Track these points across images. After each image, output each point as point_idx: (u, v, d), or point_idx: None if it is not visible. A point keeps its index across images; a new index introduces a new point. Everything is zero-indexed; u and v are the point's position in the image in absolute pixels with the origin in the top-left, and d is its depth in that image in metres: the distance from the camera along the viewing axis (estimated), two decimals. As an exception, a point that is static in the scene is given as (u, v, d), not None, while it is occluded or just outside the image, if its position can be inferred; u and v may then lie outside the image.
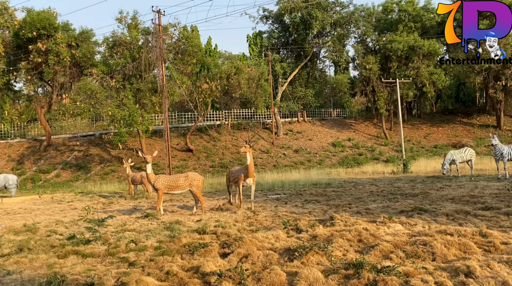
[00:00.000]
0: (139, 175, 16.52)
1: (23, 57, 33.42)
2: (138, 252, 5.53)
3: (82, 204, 14.65)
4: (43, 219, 10.12)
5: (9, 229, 8.59)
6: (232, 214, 9.67)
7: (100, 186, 23.19)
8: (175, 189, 10.30)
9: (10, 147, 36.71)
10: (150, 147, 35.29)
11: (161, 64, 28.90)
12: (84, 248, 5.73)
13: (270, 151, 36.40)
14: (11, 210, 12.85)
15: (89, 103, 28.00)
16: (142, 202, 14.16)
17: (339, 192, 13.18)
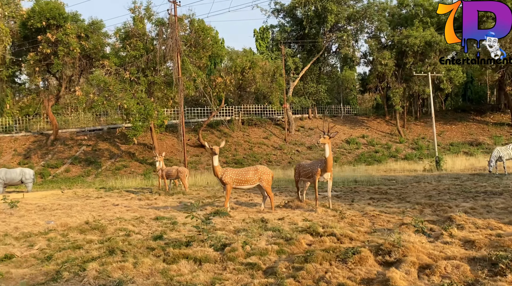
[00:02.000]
0: (175, 169, 15.65)
1: (31, 48, 32.27)
2: (260, 256, 4.74)
3: (115, 199, 13.77)
4: (95, 215, 9.25)
5: (67, 227, 7.75)
6: (309, 212, 8.86)
7: (121, 181, 22.23)
8: (244, 183, 9.47)
9: (15, 140, 35.54)
10: (161, 142, 34.37)
11: (176, 56, 27.96)
12: (193, 252, 4.92)
13: (283, 148, 35.66)
14: (44, 205, 11.95)
15: (102, 96, 26.98)
16: (181, 197, 13.31)
17: (398, 190, 12.45)
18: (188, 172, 15.59)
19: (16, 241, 6.78)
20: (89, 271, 4.51)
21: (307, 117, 41.87)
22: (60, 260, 5.24)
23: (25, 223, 8.83)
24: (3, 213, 11.03)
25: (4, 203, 12.17)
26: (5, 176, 19.64)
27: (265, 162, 32.83)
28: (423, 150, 34.88)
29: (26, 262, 5.44)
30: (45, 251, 5.91)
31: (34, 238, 6.95)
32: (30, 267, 5.18)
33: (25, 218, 9.81)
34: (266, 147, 35.88)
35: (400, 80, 37.63)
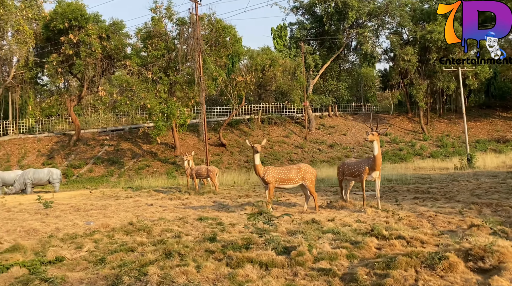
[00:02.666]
0: (205, 168, 15.48)
1: (53, 50, 32.60)
2: (330, 261, 4.46)
3: (145, 199, 13.65)
4: (133, 216, 9.11)
5: (110, 228, 7.59)
6: (358, 213, 8.52)
7: (147, 181, 22.22)
8: (287, 182, 9.19)
9: (38, 141, 36.01)
10: (182, 142, 34.36)
11: (198, 55, 27.84)
12: (256, 255, 4.67)
13: (304, 146, 35.26)
14: (77, 205, 11.89)
15: (125, 96, 27.04)
16: (213, 197, 13.11)
17: (440, 188, 12.00)
18: (218, 171, 15.41)
19: (62, 242, 6.64)
20: (150, 275, 4.30)
21: (327, 115, 41.39)
22: (114, 263, 5.05)
23: (64, 223, 8.74)
24: (38, 213, 11.00)
25: (38, 203, 12.16)
26: (33, 176, 19.80)
27: (286, 160, 32.51)
28: (449, 147, 34.07)
29: (78, 265, 5.28)
30: (95, 254, 5.74)
31: (80, 239, 6.81)
32: (84, 271, 5.01)
33: (61, 219, 9.73)
34: (287, 145, 35.57)
35: (424, 76, 36.83)
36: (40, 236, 7.68)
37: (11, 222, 9.57)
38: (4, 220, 10.23)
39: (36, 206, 12.85)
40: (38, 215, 10.57)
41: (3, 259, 5.69)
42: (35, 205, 13.42)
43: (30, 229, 8.09)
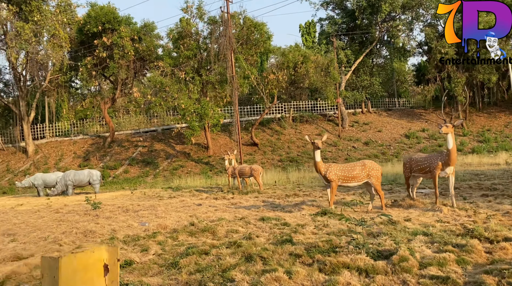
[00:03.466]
0: (248, 167, 15.13)
1: (87, 53, 33.14)
2: (439, 267, 3.97)
3: (190, 199, 13.41)
4: (187, 216, 8.83)
5: (169, 229, 7.30)
6: (432, 212, 7.93)
7: (185, 181, 22.12)
8: (351, 180, 8.69)
9: (74, 144, 36.73)
10: (214, 142, 34.23)
11: (230, 54, 27.60)
12: (351, 260, 4.22)
13: (338, 144, 34.47)
14: (124, 206, 11.74)
15: (160, 97, 27.09)
16: (259, 196, 12.72)
17: (505, 185, 11.20)
18: (262, 170, 15.01)
19: (125, 245, 6.38)
20: (238, 282, 3.92)
21: (360, 112, 40.38)
22: (190, 267, 4.70)
23: (118, 225, 8.53)
24: (88, 214, 10.90)
25: (86, 204, 12.10)
26: (74, 178, 20.00)
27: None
28: (491, 142, 32.52)
29: (150, 269, 4.96)
30: (164, 257, 5.42)
31: (143, 241, 6.53)
32: (158, 275, 4.69)
33: (113, 220, 9.55)
34: (320, 143, 34.78)
35: (462, 69, 35.33)
36: (97, 237, 7.48)
37: (64, 224, 9.47)
38: (56, 221, 10.16)
39: (83, 207, 12.82)
40: (88, 216, 10.46)
41: (70, 263, 5.46)
42: (81, 206, 13.41)
43: (86, 230, 7.91)
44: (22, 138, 36.20)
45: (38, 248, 6.96)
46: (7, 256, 6.61)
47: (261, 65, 38.69)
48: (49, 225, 9.55)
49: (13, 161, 35.10)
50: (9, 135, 38.05)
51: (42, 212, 12.52)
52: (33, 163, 33.86)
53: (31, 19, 29.16)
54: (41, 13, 29.51)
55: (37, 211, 12.88)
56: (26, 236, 8.37)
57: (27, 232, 8.97)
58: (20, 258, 6.54)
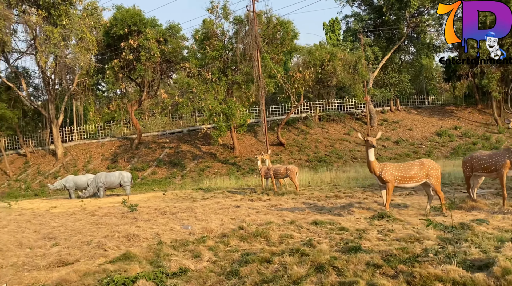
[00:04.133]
0: (284, 167, 14.69)
1: (113, 56, 33.42)
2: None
3: (225, 200, 13.07)
4: (229, 219, 8.48)
5: (218, 233, 6.95)
6: (500, 214, 7.32)
7: (215, 182, 21.86)
8: (408, 181, 8.14)
9: (102, 146, 37.12)
10: (240, 142, 33.94)
11: (256, 53, 27.24)
12: (443, 272, 3.74)
13: (367, 143, 33.52)
14: (160, 208, 11.50)
15: (187, 98, 26.97)
16: (297, 198, 12.28)
17: None
18: (298, 170, 14.53)
19: (174, 250, 6.06)
20: (317, 296, 3.50)
21: (388, 110, 39.34)
22: (253, 277, 4.31)
23: (160, 228, 8.25)
24: (125, 217, 10.70)
25: (123, 206, 11.93)
26: (105, 180, 20.01)
27: (350, 158, 31.11)
28: (539, 141, 31.04)
29: (207, 278, 4.60)
30: (219, 264, 5.05)
31: (192, 246, 6.19)
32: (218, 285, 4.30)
33: (153, 222, 9.29)
34: (348, 143, 34.07)
35: (496, 64, 33.86)
36: (141, 242, 7.20)
37: (103, 227, 9.27)
38: (94, 224, 9.98)
39: (118, 209, 12.66)
40: (126, 219, 10.25)
41: (120, 270, 5.16)
42: (115, 208, 13.26)
43: (128, 234, 7.65)
44: (51, 141, 36.82)
45: (82, 253, 6.73)
46: (52, 261, 6.39)
47: (284, 65, 38.20)
48: (89, 228, 9.37)
49: (43, 163, 35.74)
50: (38, 138, 38.80)
51: (78, 215, 12.43)
52: (62, 165, 34.38)
53: (60, 23, 29.57)
54: (69, 17, 29.89)
55: (72, 214, 12.80)
56: (68, 240, 8.18)
57: (68, 235, 8.80)
58: (66, 263, 6.32)
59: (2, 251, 7.52)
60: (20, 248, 7.95)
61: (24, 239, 8.75)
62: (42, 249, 7.66)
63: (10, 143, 38.51)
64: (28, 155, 36.53)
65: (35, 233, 9.56)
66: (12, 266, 6.56)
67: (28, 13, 29.60)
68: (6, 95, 34.34)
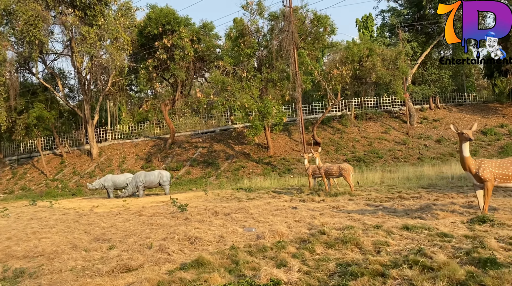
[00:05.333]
0: (336, 166, 13.86)
1: (147, 56, 33.38)
2: None
3: (273, 200, 12.36)
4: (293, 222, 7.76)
5: (290, 237, 6.24)
6: None
7: (255, 182, 21.23)
8: (510, 180, 7.20)
9: (136, 146, 37.21)
10: (273, 142, 33.20)
11: (293, 50, 26.43)
12: None
13: (407, 142, 32.19)
14: (210, 208, 10.90)
15: (222, 96, 26.46)
16: (354, 198, 11.41)
17: None
18: (352, 169, 13.65)
19: (252, 256, 5.38)
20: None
21: (428, 108, 37.71)
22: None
23: (220, 230, 7.61)
24: (176, 217, 10.15)
25: (173, 206, 11.41)
26: (144, 179, 19.70)
27: (391, 158, 29.85)
28: None
29: (307, 292, 3.87)
30: (315, 275, 4.33)
31: (272, 252, 5.51)
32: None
33: (208, 224, 8.67)
34: (387, 142, 32.75)
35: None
36: (205, 245, 6.57)
37: (157, 228, 8.73)
38: (146, 225, 9.47)
39: (163, 209, 12.15)
40: (177, 220, 9.69)
41: (199, 279, 4.52)
42: (160, 207, 12.78)
43: (190, 237, 7.04)
44: (86, 141, 37.18)
45: (145, 258, 6.15)
46: (115, 266, 5.83)
47: (317, 61, 37.25)
48: (142, 229, 8.85)
49: (78, 163, 36.11)
50: (74, 138, 39.31)
51: (124, 215, 12.01)
52: (97, 165, 34.60)
53: (95, 24, 29.69)
54: (104, 17, 29.99)
55: (118, 214, 12.41)
56: (123, 242, 7.66)
57: (121, 237, 8.29)
58: (130, 269, 5.75)
59: (58, 254, 7.07)
60: (74, 250, 7.49)
61: (77, 240, 8.31)
62: (99, 251, 7.16)
63: (46, 143, 39.19)
64: (64, 155, 37.02)
65: (85, 234, 9.13)
66: (71, 270, 6.06)
67: (65, 14, 29.88)
68: (43, 96, 34.88)
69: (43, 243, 8.26)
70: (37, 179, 34.79)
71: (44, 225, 10.80)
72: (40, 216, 13.53)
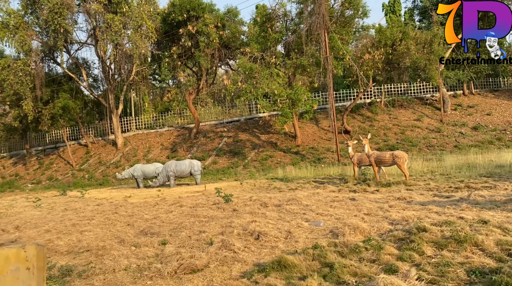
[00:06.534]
0: (389, 154, 12.88)
1: (171, 44, 32.71)
2: None
3: (321, 191, 11.50)
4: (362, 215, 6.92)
5: (372, 233, 5.40)
6: None
7: (289, 171, 20.42)
8: None
9: (160, 135, 36.78)
10: (301, 130, 32.20)
11: (324, 34, 25.26)
12: None
13: (441, 130, 30.74)
14: (257, 199, 10.13)
15: (250, 84, 25.57)
16: (413, 189, 10.45)
17: None
18: (407, 156, 12.62)
19: (343, 258, 4.55)
20: None
21: (461, 94, 36.01)
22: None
23: (284, 224, 6.82)
24: (221, 208, 9.42)
25: (217, 196, 10.69)
26: (175, 168, 19.11)
27: (425, 146, 28.54)
28: None
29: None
30: (442, 283, 3.45)
31: (368, 254, 4.66)
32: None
33: (261, 216, 7.89)
34: (420, 129, 31.37)
35: None
36: (272, 241, 5.77)
37: (207, 221, 8.00)
38: (191, 217, 8.75)
39: (203, 199, 11.44)
40: (225, 211, 8.95)
41: None
42: (199, 198, 12.08)
43: (252, 231, 6.27)
44: (111, 132, 36.96)
45: (208, 256, 5.40)
46: (176, 266, 5.10)
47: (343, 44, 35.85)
48: (190, 221, 8.14)
49: (103, 153, 35.94)
50: (98, 129, 39.16)
51: (162, 205, 11.36)
52: (123, 155, 34.34)
53: (119, 11, 29.10)
54: (128, 5, 29.37)
55: (156, 204, 11.77)
56: (175, 237, 6.95)
57: (170, 230, 7.60)
58: (194, 269, 5.00)
59: (106, 250, 6.40)
60: (122, 245, 6.82)
61: (122, 234, 7.66)
62: (150, 247, 6.46)
63: (71, 134, 39.17)
64: (89, 145, 36.91)
65: (129, 226, 8.48)
66: (125, 270, 5.35)
67: (89, 2, 29.36)
68: (67, 86, 34.67)
69: (86, 236, 7.64)
70: (63, 169, 34.79)
71: (82, 217, 10.24)
72: (74, 207, 13.04)
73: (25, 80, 28.84)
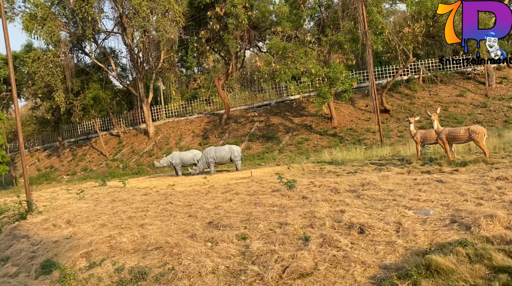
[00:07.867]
0: (465, 129, 11.61)
1: (198, 28, 31.75)
2: None
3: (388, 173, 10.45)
4: (476, 200, 5.92)
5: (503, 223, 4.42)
6: None
7: (336, 153, 19.39)
8: None
9: (191, 123, 36.23)
10: (336, 111, 30.92)
11: (361, 7, 23.73)
12: None
13: (487, 105, 28.87)
14: (320, 185, 9.22)
15: (284, 64, 24.42)
16: (501, 167, 9.28)
17: None
18: (486, 131, 11.35)
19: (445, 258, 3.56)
20: None
21: (505, 66, 33.69)
22: None
23: (386, 214, 5.85)
24: (287, 195, 8.56)
25: (280, 183, 9.84)
26: (215, 155, 18.40)
27: (471, 122, 26.82)
28: None
29: None
30: None
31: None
32: None
33: (340, 205, 6.96)
34: (464, 105, 29.57)
35: None
36: (382, 236, 4.86)
37: (279, 210, 7.15)
38: (256, 206, 7.93)
39: (255, 186, 10.59)
40: (292, 199, 8.09)
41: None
42: (250, 185, 11.25)
43: (350, 223, 5.34)
44: (142, 121, 36.64)
45: (311, 255, 4.52)
46: (281, 269, 4.22)
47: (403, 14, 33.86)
48: (259, 211, 7.32)
49: (136, 142, 35.71)
50: (128, 118, 38.93)
51: (215, 193, 10.62)
52: (155, 143, 34.00)
53: (146, -4, 28.29)
54: (154, -11, 28.51)
55: (207, 192, 11.04)
56: (252, 230, 6.12)
57: (240, 221, 6.79)
58: (303, 273, 4.12)
59: (180, 247, 5.63)
60: (195, 240, 6.05)
61: (188, 227, 6.91)
62: (229, 243, 5.66)
63: (102, 124, 39.10)
64: (121, 135, 36.74)
65: (191, 218, 7.73)
66: (213, 273, 4.53)
67: (115, -12, 28.68)
68: (96, 76, 34.39)
69: (150, 231, 6.93)
70: (97, 160, 34.80)
71: (134, 208, 9.60)
72: (120, 198, 12.49)
73: (55, 72, 28.61)
